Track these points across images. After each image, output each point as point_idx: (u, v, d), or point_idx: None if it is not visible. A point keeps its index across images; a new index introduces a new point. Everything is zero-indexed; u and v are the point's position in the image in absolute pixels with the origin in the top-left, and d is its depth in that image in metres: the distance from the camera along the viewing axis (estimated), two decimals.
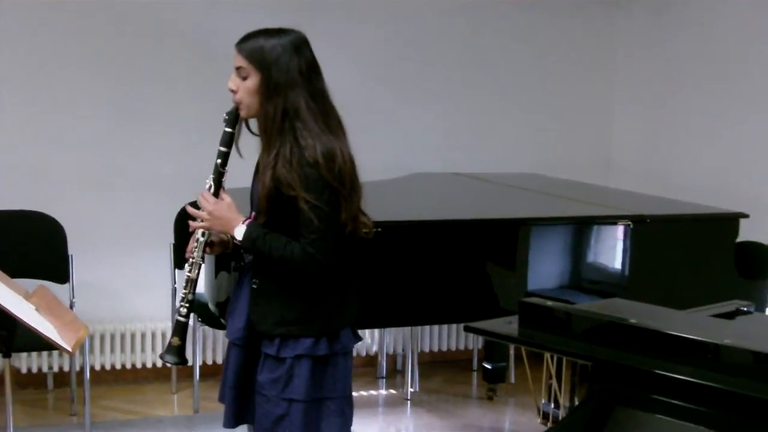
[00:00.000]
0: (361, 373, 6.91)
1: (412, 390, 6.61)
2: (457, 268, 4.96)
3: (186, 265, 3.68)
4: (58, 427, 5.91)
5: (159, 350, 6.52)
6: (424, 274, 4.89)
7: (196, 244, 3.64)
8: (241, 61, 3.49)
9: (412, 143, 7.02)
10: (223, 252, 3.79)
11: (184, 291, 3.67)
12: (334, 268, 3.48)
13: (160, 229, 6.14)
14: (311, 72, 3.51)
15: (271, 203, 3.45)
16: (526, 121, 7.36)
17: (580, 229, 5.23)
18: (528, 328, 3.13)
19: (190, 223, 3.64)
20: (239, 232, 3.51)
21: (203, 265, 3.71)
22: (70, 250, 6.00)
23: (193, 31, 6.44)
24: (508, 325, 3.18)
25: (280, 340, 3.52)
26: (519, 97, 7.35)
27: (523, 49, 7.33)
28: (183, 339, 3.69)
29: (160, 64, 6.48)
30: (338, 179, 3.41)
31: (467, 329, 3.27)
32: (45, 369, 6.39)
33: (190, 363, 5.70)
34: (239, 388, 3.69)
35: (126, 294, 6.49)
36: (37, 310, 3.80)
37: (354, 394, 6.26)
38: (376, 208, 5.57)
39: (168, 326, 6.41)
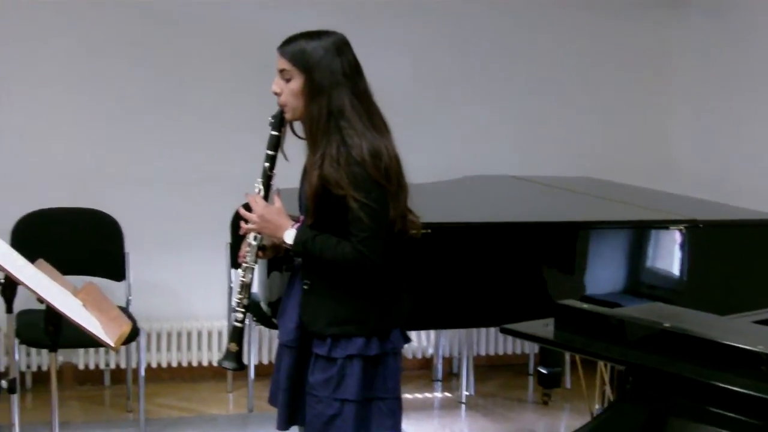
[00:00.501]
0: (417, 375, 6.92)
1: (467, 393, 6.59)
2: (513, 270, 4.94)
3: (239, 269, 3.71)
4: (113, 423, 5.97)
5: (215, 349, 6.59)
6: (480, 276, 4.88)
7: (248, 249, 3.68)
8: (284, 64, 3.52)
9: (466, 145, 7.00)
10: (276, 256, 3.81)
11: (239, 296, 3.70)
12: (384, 267, 3.49)
13: (217, 228, 6.18)
14: (354, 72, 3.52)
15: (318, 203, 3.46)
16: (583, 124, 7.30)
17: (635, 233, 5.18)
18: (564, 331, 3.10)
19: (242, 225, 3.66)
20: (289, 236, 3.52)
21: (256, 268, 3.74)
22: (127, 248, 6.08)
23: (247, 31, 6.45)
24: (544, 327, 3.16)
25: (331, 340, 3.53)
26: (576, 100, 7.29)
27: (580, 51, 7.29)
28: (240, 344, 3.72)
29: (218, 62, 6.53)
30: (385, 177, 3.43)
31: (503, 330, 3.25)
32: (102, 366, 6.47)
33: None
34: (292, 390, 3.68)
35: (182, 292, 6.55)
36: (84, 306, 3.83)
37: (408, 396, 6.42)
38: (432, 209, 5.59)
39: (224, 325, 6.47)
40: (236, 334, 3.73)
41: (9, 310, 3.86)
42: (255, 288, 5.55)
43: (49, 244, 5.89)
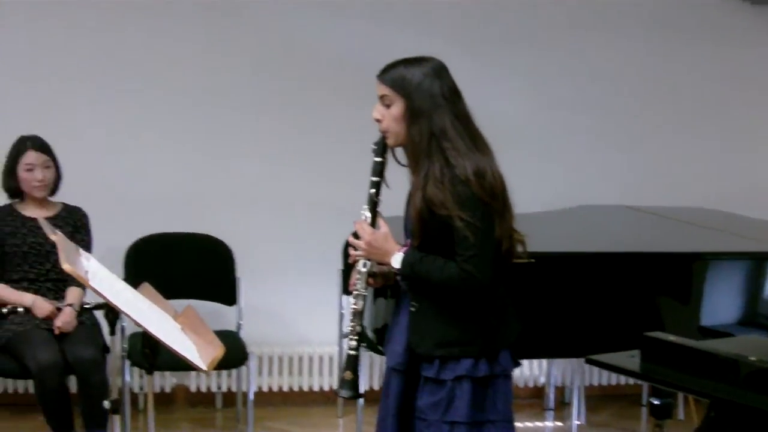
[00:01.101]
0: (528, 404, 6.87)
1: (578, 423, 6.50)
2: (627, 301, 4.91)
3: (351, 297, 3.72)
4: None
5: (326, 374, 6.63)
6: (592, 306, 4.86)
7: (359, 276, 3.69)
8: (385, 90, 3.56)
9: (581, 174, 6.93)
10: (385, 284, 3.82)
11: (351, 324, 3.70)
12: (492, 287, 3.48)
13: (328, 253, 6.21)
14: (453, 95, 3.54)
15: (424, 225, 3.48)
16: (699, 153, 7.17)
17: (750, 265, 5.11)
18: (649, 363, 3.06)
19: (351, 252, 3.69)
20: (396, 260, 3.55)
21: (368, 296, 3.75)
22: (238, 273, 6.16)
23: (361, 57, 6.48)
24: (630, 358, 3.12)
25: (439, 362, 3.53)
26: (693, 130, 7.16)
27: (700, 78, 7.16)
28: (356, 372, 3.72)
29: (331, 88, 6.56)
30: (490, 195, 3.43)
31: (588, 361, 3.22)
32: (214, 388, 6.54)
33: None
34: (401, 414, 3.69)
35: (293, 318, 6.59)
36: (182, 329, 3.90)
37: (520, 425, 6.38)
38: (547, 238, 5.57)
39: (335, 351, 6.50)
40: (351, 363, 3.71)
41: (112, 332, 3.92)
42: None
43: (162, 269, 6.03)
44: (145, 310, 3.75)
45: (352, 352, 3.70)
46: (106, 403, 3.93)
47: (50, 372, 5.10)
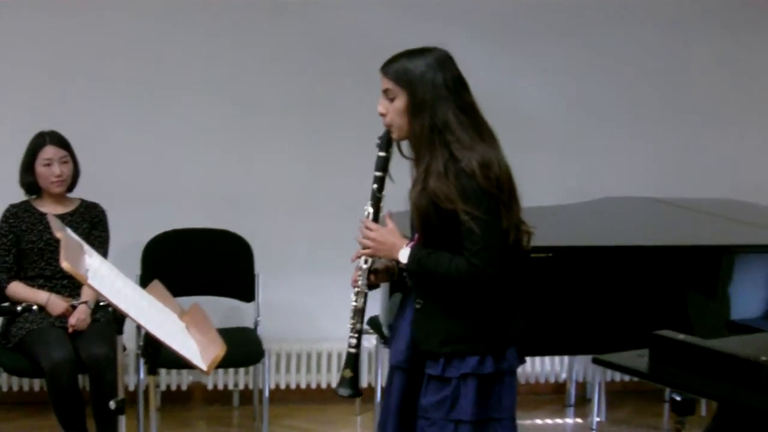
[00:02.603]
0: (549, 400, 6.82)
1: (598, 419, 6.42)
2: (649, 295, 4.85)
3: (352, 294, 3.67)
4: None
5: None
6: (613, 299, 4.82)
7: (360, 273, 3.65)
8: (387, 83, 3.53)
9: (605, 165, 6.84)
10: (389, 280, 3.78)
11: (351, 322, 3.67)
12: (501, 279, 3.41)
13: (347, 249, 6.09)
14: (458, 86, 3.49)
15: (425, 219, 3.44)
16: (731, 143, 7.06)
17: None
18: (658, 363, 2.98)
19: (359, 251, 3.66)
20: (403, 255, 3.49)
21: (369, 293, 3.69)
22: (257, 269, 6.11)
23: (387, 49, 6.41)
24: (639, 358, 3.04)
25: (444, 359, 3.48)
26: (720, 118, 7.05)
27: (728, 70, 7.06)
28: (355, 371, 3.68)
29: (356, 84, 6.45)
30: (497, 187, 3.36)
31: (596, 362, 3.15)
32: (231, 386, 6.49)
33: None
34: (402, 413, 3.64)
35: (311, 314, 6.52)
36: (186, 328, 3.85)
37: (539, 421, 6.34)
38: (568, 231, 5.50)
39: None
40: (351, 361, 3.68)
41: (119, 331, 3.89)
42: (378, 311, 5.55)
43: (180, 265, 6.01)
44: (147, 308, 3.71)
45: (352, 350, 3.67)
46: (112, 404, 3.88)
47: (62, 370, 5.08)
